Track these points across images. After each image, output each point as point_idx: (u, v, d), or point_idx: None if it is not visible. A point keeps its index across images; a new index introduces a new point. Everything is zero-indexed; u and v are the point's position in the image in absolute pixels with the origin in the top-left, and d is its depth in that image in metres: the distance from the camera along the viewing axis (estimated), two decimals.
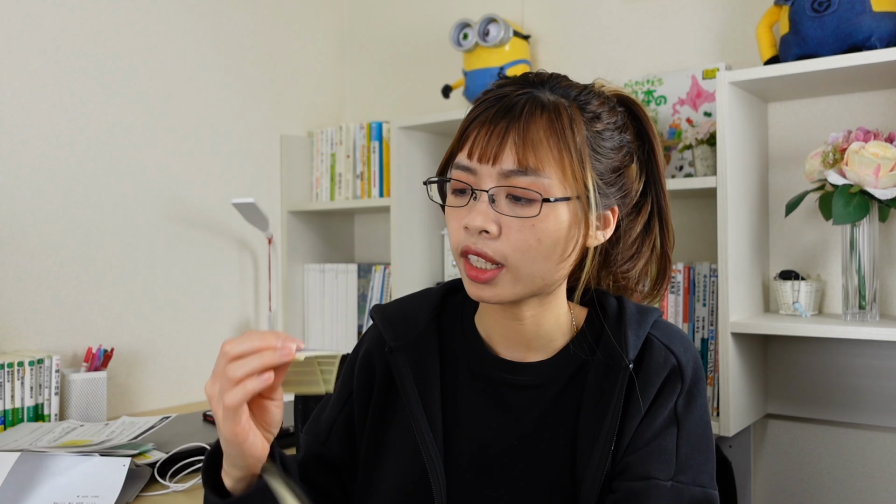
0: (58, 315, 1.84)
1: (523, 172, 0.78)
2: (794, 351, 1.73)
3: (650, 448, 0.81)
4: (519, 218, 0.78)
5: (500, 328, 0.88)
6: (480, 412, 0.87)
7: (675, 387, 0.84)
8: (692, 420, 0.84)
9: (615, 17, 2.03)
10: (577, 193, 0.80)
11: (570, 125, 0.79)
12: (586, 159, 0.80)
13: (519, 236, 0.78)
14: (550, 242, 0.79)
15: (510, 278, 0.79)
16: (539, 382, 0.87)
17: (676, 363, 0.85)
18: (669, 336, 0.87)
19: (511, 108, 0.80)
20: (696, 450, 0.83)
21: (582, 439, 0.83)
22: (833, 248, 1.70)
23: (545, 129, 0.78)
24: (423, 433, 0.85)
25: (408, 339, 0.90)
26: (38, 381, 1.67)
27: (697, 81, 1.85)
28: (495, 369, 0.88)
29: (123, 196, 1.98)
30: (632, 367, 0.83)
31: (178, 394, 2.09)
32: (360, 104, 2.61)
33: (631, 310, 0.88)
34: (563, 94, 0.82)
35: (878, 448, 1.64)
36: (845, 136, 1.50)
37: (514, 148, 0.78)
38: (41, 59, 1.83)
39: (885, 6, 1.47)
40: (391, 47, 2.52)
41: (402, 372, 0.88)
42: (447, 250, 2.18)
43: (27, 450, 1.29)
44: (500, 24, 1.99)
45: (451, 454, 0.86)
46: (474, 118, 0.82)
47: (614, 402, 0.82)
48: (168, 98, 2.09)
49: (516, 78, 0.86)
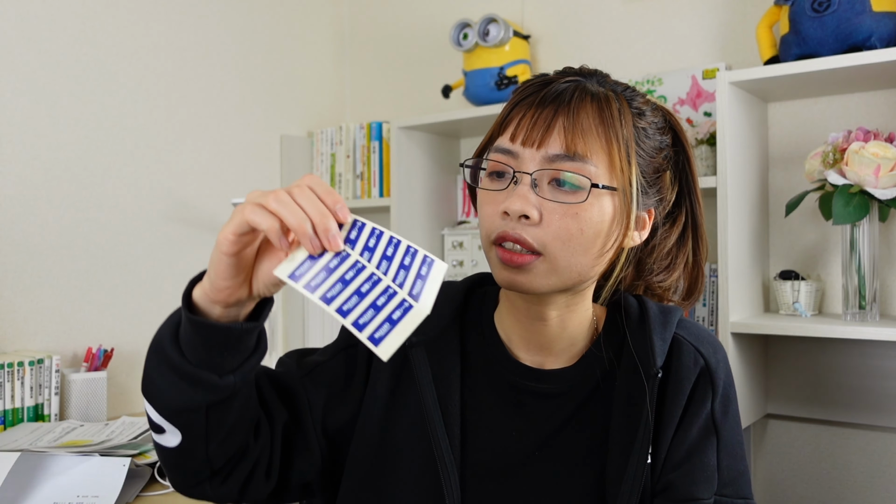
0: (58, 315, 1.84)
1: (570, 157, 0.74)
2: (794, 351, 1.73)
3: (692, 464, 0.78)
4: (563, 204, 0.74)
5: (522, 329, 0.84)
6: (499, 419, 0.83)
7: (706, 391, 0.80)
8: (729, 428, 0.81)
9: (615, 17, 2.03)
10: (622, 186, 0.76)
11: (619, 116, 0.77)
12: (632, 152, 0.77)
13: (561, 224, 0.74)
14: (592, 234, 0.75)
15: (546, 268, 0.75)
16: (563, 391, 0.83)
17: (705, 365, 0.81)
18: (697, 336, 0.84)
19: (560, 93, 0.77)
20: (735, 459, 0.81)
21: (613, 453, 0.79)
22: (833, 248, 1.70)
23: (594, 117, 0.76)
24: (439, 438, 0.80)
25: (429, 336, 0.84)
26: (38, 381, 1.67)
27: (697, 81, 1.85)
28: (517, 375, 0.84)
29: (123, 196, 1.98)
30: (660, 374, 0.79)
31: None
32: (360, 104, 2.61)
33: (653, 310, 0.84)
34: (610, 87, 0.80)
35: (878, 448, 1.64)
36: (845, 136, 1.50)
37: (561, 132, 0.75)
38: (41, 59, 1.83)
39: (885, 6, 1.47)
40: (391, 47, 2.52)
41: (421, 370, 0.83)
42: (447, 250, 2.18)
43: (27, 450, 1.29)
44: (500, 24, 1.99)
45: (467, 462, 0.82)
46: (518, 102, 0.79)
47: (645, 413, 0.78)
48: (168, 98, 2.09)
49: (558, 70, 0.83)
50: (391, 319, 0.60)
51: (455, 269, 2.16)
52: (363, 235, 0.64)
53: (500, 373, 0.84)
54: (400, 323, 0.60)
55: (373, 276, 0.62)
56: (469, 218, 2.29)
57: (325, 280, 0.61)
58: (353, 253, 0.63)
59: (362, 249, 0.63)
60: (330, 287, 0.61)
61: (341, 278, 0.61)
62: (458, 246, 2.15)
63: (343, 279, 0.61)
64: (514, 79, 2.00)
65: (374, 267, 0.62)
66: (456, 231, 2.18)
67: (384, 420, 0.84)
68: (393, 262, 0.63)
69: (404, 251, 0.64)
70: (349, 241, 0.64)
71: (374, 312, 0.60)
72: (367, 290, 0.61)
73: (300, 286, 0.61)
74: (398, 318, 0.60)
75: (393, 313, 0.60)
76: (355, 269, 0.62)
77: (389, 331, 0.60)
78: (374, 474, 0.83)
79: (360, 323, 0.59)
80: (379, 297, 0.61)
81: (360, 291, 0.61)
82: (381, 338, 0.59)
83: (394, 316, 0.60)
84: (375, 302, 0.60)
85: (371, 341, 0.59)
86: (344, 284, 0.61)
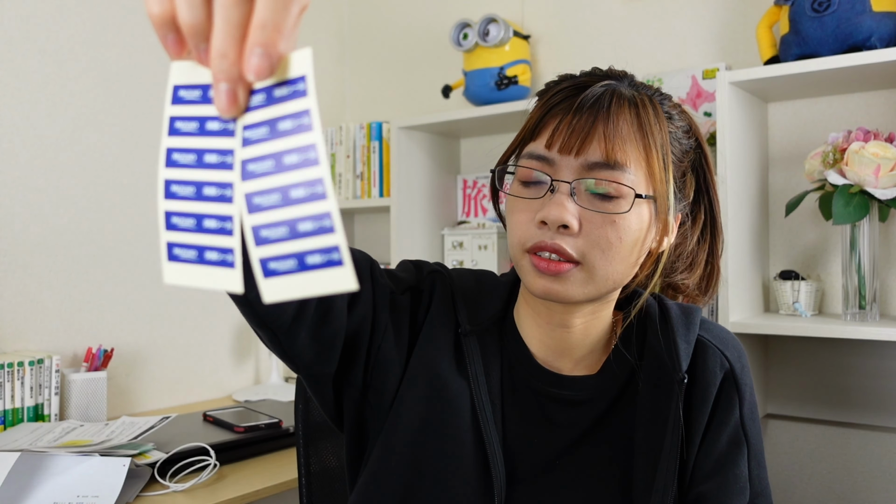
0: (58, 315, 1.84)
1: (609, 166, 0.72)
2: (794, 351, 1.73)
3: (725, 476, 0.76)
4: (602, 213, 0.72)
5: (542, 334, 0.82)
6: (520, 424, 0.81)
7: (731, 396, 0.79)
8: (756, 435, 0.80)
9: (615, 17, 2.03)
10: (660, 193, 0.75)
11: (656, 122, 0.75)
12: (668, 158, 0.76)
13: (600, 233, 0.72)
14: (630, 242, 0.74)
15: (583, 277, 0.73)
16: (586, 398, 0.80)
17: (730, 369, 0.79)
18: (722, 339, 0.82)
19: (597, 98, 0.74)
20: (762, 466, 0.80)
21: (639, 462, 0.77)
22: (833, 248, 1.70)
23: (632, 123, 0.74)
24: (491, 433, 0.78)
25: (482, 327, 0.82)
26: (38, 381, 1.67)
27: (697, 81, 1.85)
28: (540, 381, 0.81)
29: (123, 196, 1.98)
30: (686, 379, 0.77)
31: (178, 394, 2.09)
32: (360, 104, 2.61)
33: (675, 311, 0.82)
34: (643, 90, 0.78)
35: (878, 448, 1.64)
36: (845, 136, 1.50)
37: (601, 140, 0.72)
38: (41, 59, 1.83)
39: (885, 6, 1.47)
40: (391, 47, 2.52)
41: (474, 360, 0.80)
42: (447, 250, 2.18)
43: (27, 450, 1.29)
44: (500, 24, 1.99)
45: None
46: (553, 107, 0.76)
47: (672, 420, 0.76)
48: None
49: (586, 71, 0.81)
50: (304, 263, 0.39)
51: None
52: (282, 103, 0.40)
53: (523, 377, 0.82)
54: (311, 272, 0.39)
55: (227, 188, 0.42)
56: (469, 218, 2.29)
57: (187, 158, 0.43)
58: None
59: (262, 143, 0.40)
60: (184, 181, 0.43)
61: (199, 153, 0.42)
62: (458, 246, 2.15)
63: (202, 155, 0.42)
64: (514, 79, 2.00)
65: (246, 191, 0.40)
66: (456, 231, 2.17)
67: (435, 392, 0.79)
68: (288, 209, 0.40)
69: (318, 212, 0.39)
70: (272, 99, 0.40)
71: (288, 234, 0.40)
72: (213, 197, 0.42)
73: (166, 122, 0.43)
74: (314, 264, 0.39)
75: (309, 255, 0.39)
76: (219, 164, 0.42)
77: (291, 272, 0.39)
78: (419, 446, 0.78)
79: (262, 236, 0.40)
80: (314, 253, 0.39)
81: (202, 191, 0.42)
82: (275, 272, 0.40)
83: (310, 260, 0.39)
84: (304, 257, 0.39)
85: (262, 266, 0.40)
86: (198, 161, 0.42)
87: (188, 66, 0.43)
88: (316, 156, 0.39)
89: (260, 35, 0.38)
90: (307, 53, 0.40)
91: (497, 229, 2.08)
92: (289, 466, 1.51)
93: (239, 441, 1.54)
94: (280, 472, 1.48)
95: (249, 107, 0.41)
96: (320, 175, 0.39)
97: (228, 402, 2.10)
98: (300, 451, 1.13)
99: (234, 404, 2.02)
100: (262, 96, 0.40)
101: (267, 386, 2.22)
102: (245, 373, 2.28)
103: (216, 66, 0.39)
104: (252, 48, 0.38)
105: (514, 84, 2.00)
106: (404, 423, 0.79)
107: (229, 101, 0.40)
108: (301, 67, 0.40)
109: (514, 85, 2.00)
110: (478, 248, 2.12)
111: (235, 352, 2.24)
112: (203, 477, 1.38)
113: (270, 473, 1.47)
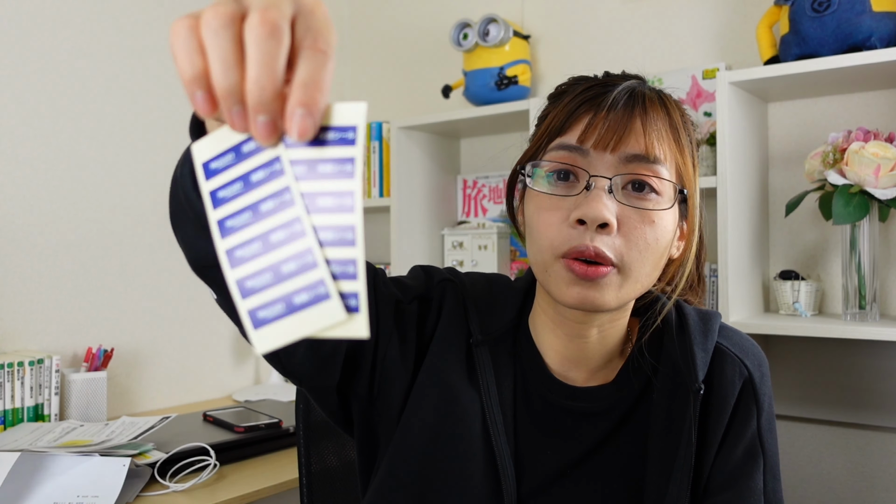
0: (58, 315, 1.84)
1: (649, 160, 0.69)
2: (794, 351, 1.73)
3: (739, 489, 0.74)
4: (641, 210, 0.69)
5: (560, 345, 0.79)
6: (533, 434, 0.78)
7: (749, 406, 0.76)
8: (773, 446, 0.77)
9: (615, 17, 2.03)
10: (691, 192, 0.73)
11: (683, 122, 0.74)
12: (696, 158, 0.75)
13: (638, 233, 0.69)
14: (665, 244, 0.71)
15: (618, 281, 0.70)
16: (599, 410, 0.78)
17: (749, 378, 0.77)
18: (742, 347, 0.79)
19: (630, 94, 0.71)
20: (777, 479, 0.77)
21: (652, 473, 0.75)
22: (833, 248, 1.70)
23: (665, 121, 0.72)
24: (501, 444, 0.75)
25: (493, 336, 0.80)
26: (38, 381, 1.67)
27: (697, 81, 1.85)
28: (555, 393, 0.79)
29: (123, 196, 1.98)
30: (702, 390, 0.74)
31: (178, 394, 2.09)
32: None
33: (693, 318, 0.79)
34: (660, 92, 0.76)
35: (878, 448, 1.64)
36: (845, 136, 1.50)
37: (640, 135, 0.69)
38: (41, 59, 1.83)
39: (885, 6, 1.47)
40: (391, 47, 2.52)
41: (485, 371, 0.78)
42: (447, 250, 2.18)
43: (27, 450, 1.29)
44: (500, 24, 1.99)
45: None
46: (582, 103, 0.72)
47: (686, 430, 0.73)
48: (169, 98, 2.09)
49: (599, 75, 0.79)
50: (291, 303, 0.41)
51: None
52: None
53: (536, 388, 0.80)
54: (300, 313, 0.40)
55: (307, 255, 0.41)
56: (469, 218, 2.29)
57: (239, 194, 0.42)
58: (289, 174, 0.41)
59: (318, 195, 0.41)
60: (243, 243, 0.42)
61: (254, 206, 0.42)
62: (459, 246, 2.15)
63: (256, 207, 0.42)
64: (514, 79, 2.00)
65: (316, 241, 0.41)
66: (456, 231, 2.17)
67: (445, 404, 0.78)
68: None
69: (340, 258, 0.42)
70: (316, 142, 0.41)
71: (273, 279, 0.41)
72: (290, 274, 0.41)
73: (205, 188, 0.43)
74: (301, 304, 0.40)
75: (296, 295, 0.40)
76: (288, 222, 0.41)
77: (281, 316, 0.41)
78: (428, 458, 0.77)
79: (249, 287, 0.41)
80: (289, 260, 0.41)
81: (280, 271, 0.41)
82: (265, 320, 0.41)
83: (296, 300, 0.40)
84: (281, 266, 0.41)
85: (251, 318, 0.41)
86: (264, 247, 0.41)
87: (209, 142, 0.43)
88: (352, 203, 0.40)
89: (302, 94, 0.38)
90: (362, 107, 0.41)
91: (497, 229, 2.08)
92: (289, 466, 1.51)
93: (239, 441, 1.54)
94: (280, 472, 1.48)
95: (301, 159, 0.41)
96: (353, 222, 0.40)
97: (228, 402, 2.10)
98: (301, 451, 1.13)
99: (234, 404, 2.02)
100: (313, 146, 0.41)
101: (267, 386, 2.22)
102: (245, 373, 2.28)
103: (254, 97, 0.38)
104: (294, 108, 0.38)
105: (514, 84, 2.00)
106: (414, 435, 0.78)
107: (269, 132, 0.39)
108: (355, 118, 0.41)
109: (514, 85, 2.00)
110: (478, 248, 2.12)
111: (235, 352, 2.24)
112: (203, 477, 1.38)
113: (270, 473, 1.47)
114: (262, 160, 0.42)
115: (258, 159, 0.42)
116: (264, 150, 0.42)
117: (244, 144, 0.42)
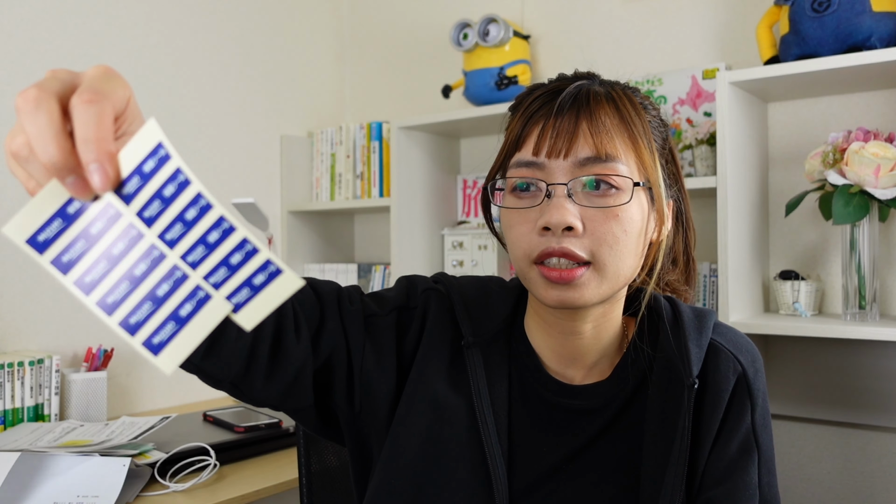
0: (58, 315, 1.84)
1: (602, 160, 0.72)
2: (794, 351, 1.73)
3: (734, 483, 0.75)
4: (603, 209, 0.72)
5: (554, 343, 0.81)
6: (529, 432, 0.80)
7: (744, 401, 0.77)
8: (768, 441, 0.78)
9: (615, 17, 2.03)
10: (653, 180, 0.75)
11: (635, 112, 0.75)
12: (653, 146, 0.76)
13: (605, 229, 0.71)
14: (635, 234, 0.73)
15: (595, 277, 0.72)
16: (595, 406, 0.79)
17: (743, 373, 0.78)
18: (736, 343, 0.81)
19: (575, 98, 0.74)
20: (772, 473, 0.79)
21: (647, 468, 0.76)
22: (833, 248, 1.70)
23: (613, 117, 0.74)
24: (493, 446, 0.77)
25: (485, 338, 0.81)
26: (38, 381, 1.67)
27: (697, 81, 1.85)
28: (549, 391, 0.80)
29: None
30: (696, 385, 0.75)
31: (178, 394, 2.09)
32: (360, 104, 2.61)
33: (687, 315, 0.80)
34: (611, 86, 0.78)
35: (878, 448, 1.64)
36: (845, 136, 1.50)
37: (588, 137, 0.72)
38: (40, 59, 1.83)
39: (885, 6, 1.47)
40: (391, 47, 2.52)
41: (476, 372, 0.79)
42: (447, 250, 2.18)
43: (27, 450, 1.29)
44: (500, 24, 1.99)
45: None
46: (532, 115, 0.75)
47: (681, 426, 0.74)
48: (168, 98, 2.09)
49: (553, 79, 0.81)
50: (179, 318, 0.44)
51: (455, 269, 2.16)
52: (157, 185, 0.44)
53: (532, 386, 0.81)
54: (191, 321, 0.44)
55: (175, 272, 0.44)
56: (469, 218, 2.29)
57: (85, 251, 0.44)
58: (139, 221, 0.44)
59: (163, 215, 0.44)
60: (110, 290, 0.44)
61: (106, 253, 0.44)
62: (458, 246, 2.15)
63: (109, 254, 0.44)
64: (514, 79, 2.00)
65: (179, 255, 0.44)
66: (456, 231, 2.17)
67: (433, 410, 0.79)
68: (214, 253, 0.44)
69: (237, 243, 0.44)
70: (130, 192, 0.44)
71: (153, 306, 0.44)
72: (167, 294, 0.44)
73: (52, 268, 0.45)
74: (189, 314, 0.44)
75: (181, 308, 0.44)
76: (145, 253, 0.44)
77: (175, 333, 0.44)
78: (419, 465, 0.78)
79: (133, 323, 0.44)
80: (161, 283, 0.44)
81: (155, 295, 0.44)
82: (162, 343, 0.44)
83: (182, 312, 0.44)
84: (155, 291, 0.44)
85: (147, 349, 0.44)
86: (132, 283, 0.44)
87: (22, 220, 0.45)
88: (207, 202, 0.43)
89: (85, 152, 0.42)
90: (152, 124, 0.43)
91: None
92: (289, 466, 1.51)
93: (239, 441, 1.54)
94: (280, 472, 1.48)
95: (132, 193, 0.44)
96: (219, 214, 0.43)
97: (228, 402, 2.10)
98: (301, 451, 1.13)
99: (234, 404, 2.02)
100: (136, 179, 0.44)
101: None
102: None
103: (48, 164, 0.42)
104: (87, 166, 0.42)
105: (514, 84, 2.00)
106: (403, 444, 0.79)
107: (80, 189, 0.43)
108: (153, 137, 0.43)
109: (514, 85, 2.00)
110: (478, 248, 2.12)
111: None
112: (203, 477, 1.38)
113: (270, 473, 1.47)
114: (95, 212, 0.44)
115: (90, 213, 0.44)
116: (92, 203, 0.44)
117: (68, 206, 0.44)
